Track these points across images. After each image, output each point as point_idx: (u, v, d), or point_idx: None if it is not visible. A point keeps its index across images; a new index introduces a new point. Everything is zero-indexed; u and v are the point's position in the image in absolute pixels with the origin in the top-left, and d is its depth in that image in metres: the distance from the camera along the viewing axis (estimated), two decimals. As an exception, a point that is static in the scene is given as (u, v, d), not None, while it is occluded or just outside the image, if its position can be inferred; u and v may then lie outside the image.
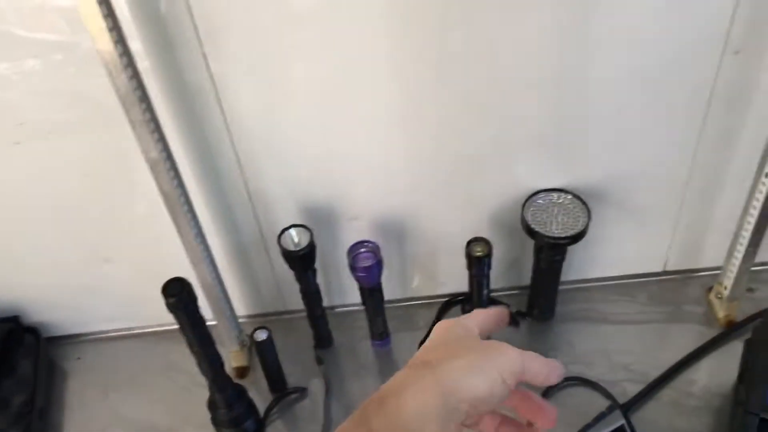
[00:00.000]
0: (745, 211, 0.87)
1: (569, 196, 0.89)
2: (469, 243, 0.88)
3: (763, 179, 0.81)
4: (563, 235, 0.86)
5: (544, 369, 0.50)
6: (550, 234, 0.86)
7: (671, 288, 1.03)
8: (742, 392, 0.82)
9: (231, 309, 0.96)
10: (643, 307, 1.01)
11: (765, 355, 0.81)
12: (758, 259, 0.96)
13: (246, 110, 0.80)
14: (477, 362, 0.48)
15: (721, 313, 0.98)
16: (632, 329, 0.99)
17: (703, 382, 0.93)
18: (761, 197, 0.82)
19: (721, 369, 0.92)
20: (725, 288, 0.96)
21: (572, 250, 0.91)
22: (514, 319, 1.00)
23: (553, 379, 0.50)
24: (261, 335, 0.88)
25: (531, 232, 0.87)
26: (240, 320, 1.00)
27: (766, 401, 0.78)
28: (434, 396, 0.46)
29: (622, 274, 1.04)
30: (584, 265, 1.02)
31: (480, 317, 0.54)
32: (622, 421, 0.84)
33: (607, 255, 1.01)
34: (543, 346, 0.98)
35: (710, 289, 1.00)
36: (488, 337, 0.52)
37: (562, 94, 0.81)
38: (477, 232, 0.90)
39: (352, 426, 0.47)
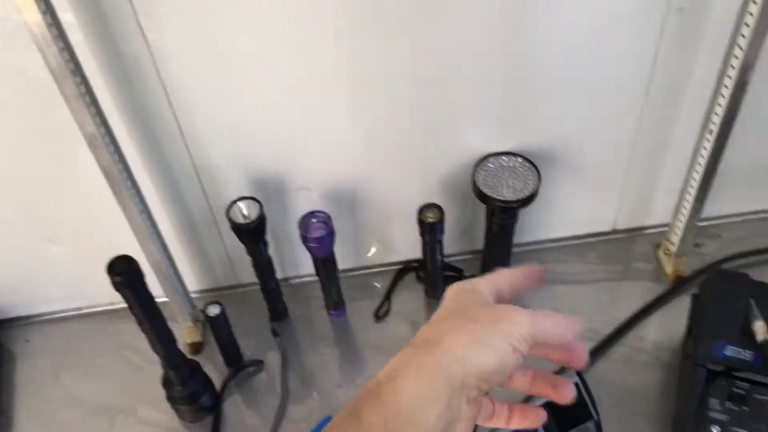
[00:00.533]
0: (691, 167, 0.88)
1: (519, 159, 0.89)
2: (421, 209, 0.88)
3: (707, 136, 0.83)
4: (514, 198, 0.86)
5: (558, 327, 0.47)
6: (501, 198, 0.86)
7: (621, 246, 1.05)
8: (690, 345, 0.84)
9: (182, 285, 0.94)
10: (594, 266, 1.03)
11: (712, 308, 0.82)
12: (704, 214, 0.98)
13: (187, 82, 0.78)
14: (482, 334, 0.44)
15: (669, 269, 0.99)
16: (584, 289, 1.01)
17: (653, 337, 0.95)
18: (705, 153, 0.84)
19: (671, 324, 0.94)
20: (673, 244, 0.98)
21: (524, 213, 0.91)
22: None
23: (570, 336, 0.47)
24: (214, 310, 0.87)
25: (482, 197, 0.87)
26: (193, 295, 0.99)
27: (714, 353, 0.80)
28: (435, 376, 0.42)
29: (572, 234, 1.05)
30: (536, 227, 1.03)
31: (501, 278, 0.50)
32: (576, 379, 0.85)
33: (558, 217, 1.02)
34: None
35: (658, 246, 1.02)
36: (514, 301, 0.49)
37: (508, 57, 0.80)
38: (429, 198, 0.89)
39: (341, 420, 0.43)
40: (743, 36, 0.72)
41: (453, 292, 0.49)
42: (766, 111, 0.90)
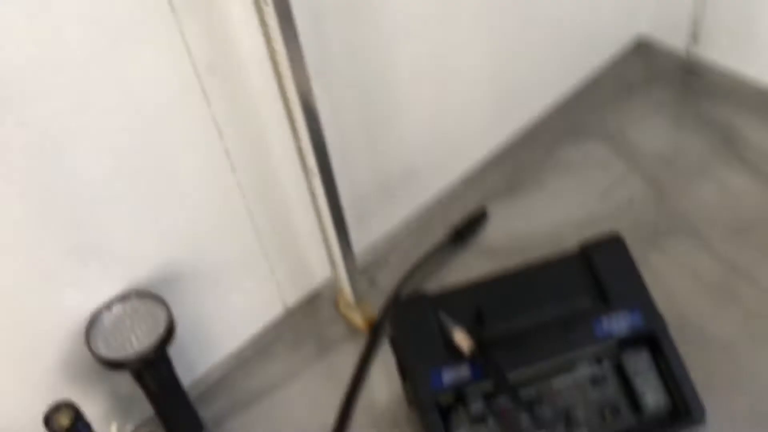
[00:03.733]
0: (318, 215, 0.80)
1: (137, 300, 0.73)
2: (47, 418, 0.67)
3: (313, 179, 0.74)
4: (153, 344, 0.70)
5: None
6: (140, 352, 0.69)
7: (303, 323, 0.93)
8: (410, 391, 0.75)
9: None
10: (287, 361, 0.90)
11: (409, 343, 0.74)
12: (360, 249, 0.91)
13: None
14: None
15: (358, 321, 0.91)
16: (293, 392, 0.87)
17: (383, 397, 0.85)
18: (320, 193, 0.75)
19: (391, 378, 0.84)
20: (347, 294, 0.89)
21: (180, 350, 0.75)
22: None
23: None
24: None
25: (115, 365, 0.69)
26: None
27: (433, 387, 0.71)
28: None
29: (245, 339, 0.91)
30: (203, 353, 0.87)
31: None
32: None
33: (224, 330, 0.88)
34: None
35: (337, 303, 0.93)
36: None
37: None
38: (52, 398, 0.69)
39: None
40: (281, 74, 0.65)
41: None
42: (355, 130, 0.86)
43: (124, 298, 0.72)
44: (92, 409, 0.76)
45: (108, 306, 0.72)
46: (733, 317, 0.86)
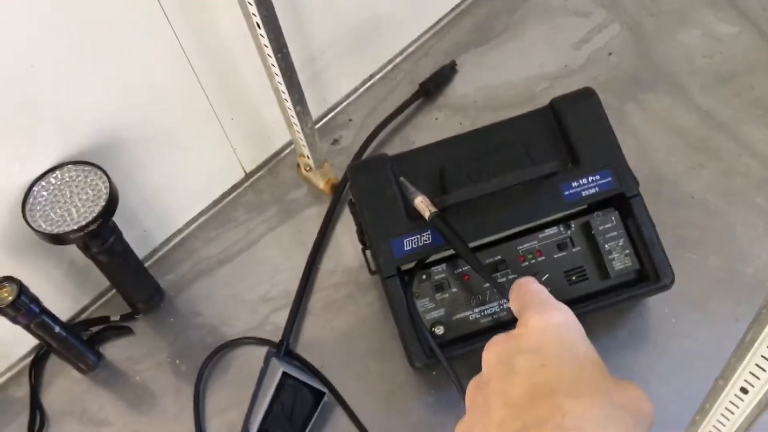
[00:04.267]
0: (269, 75, 0.73)
1: (76, 167, 0.68)
2: (-11, 294, 0.64)
3: (262, 40, 0.67)
4: (95, 215, 0.66)
5: None
6: (81, 224, 0.65)
7: (264, 187, 0.89)
8: (371, 259, 0.72)
9: None
10: (249, 223, 0.87)
11: (369, 208, 0.70)
12: (324, 106, 0.86)
13: None
14: (615, 415, 0.34)
15: (321, 184, 0.87)
16: (253, 254, 0.85)
17: (344, 261, 0.83)
18: (272, 53, 0.69)
19: (353, 239, 0.82)
20: (308, 157, 0.84)
21: (134, 219, 0.72)
22: (127, 328, 0.80)
23: None
24: None
25: (56, 238, 0.65)
26: None
27: (395, 255, 0.68)
28: None
29: (205, 206, 0.87)
30: (161, 222, 0.84)
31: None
32: (281, 369, 0.70)
33: (181, 197, 0.84)
34: (166, 340, 0.80)
35: (299, 166, 0.88)
36: None
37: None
38: (-4, 273, 0.66)
39: None
40: None
41: (545, 324, 0.39)
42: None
43: (58, 167, 0.67)
44: (44, 284, 0.73)
45: (42, 177, 0.67)
46: (709, 174, 0.83)
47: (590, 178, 0.70)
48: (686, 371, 0.71)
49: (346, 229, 0.85)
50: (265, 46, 0.68)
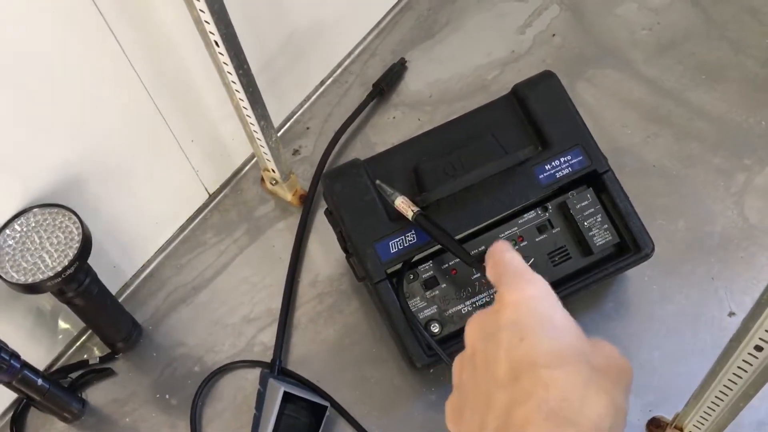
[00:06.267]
0: (231, 96, 0.72)
1: (42, 211, 0.65)
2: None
3: (218, 49, 0.66)
4: (70, 258, 0.63)
5: None
6: (57, 269, 0.62)
7: (230, 205, 0.88)
8: (357, 266, 0.71)
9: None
10: (220, 245, 0.85)
11: (349, 215, 0.70)
12: (279, 119, 0.85)
13: None
14: (595, 378, 0.35)
15: (289, 196, 0.85)
16: (228, 276, 0.83)
17: (324, 271, 0.82)
18: (229, 69, 0.67)
19: (330, 249, 0.81)
20: (273, 171, 0.83)
21: (102, 255, 0.69)
22: (108, 370, 0.78)
23: None
24: None
25: (31, 288, 0.62)
26: None
27: (382, 259, 0.68)
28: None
29: (172, 233, 0.85)
30: (130, 255, 0.81)
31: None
32: (282, 389, 0.69)
33: (147, 227, 0.81)
34: (151, 376, 0.78)
35: (263, 180, 0.87)
36: None
37: None
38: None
39: None
40: None
41: (519, 298, 0.39)
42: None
43: (23, 213, 0.64)
44: (14, 335, 0.70)
45: (6, 225, 0.64)
46: (665, 141, 0.86)
47: (562, 159, 0.71)
48: (675, 335, 0.74)
49: (319, 238, 0.84)
50: (225, 63, 0.66)
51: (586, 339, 0.38)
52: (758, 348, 0.45)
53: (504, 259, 0.43)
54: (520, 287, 0.40)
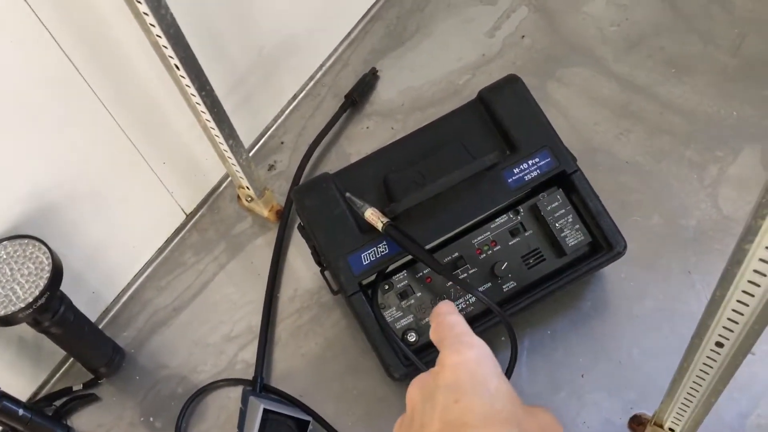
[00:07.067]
0: (197, 117, 0.72)
1: (12, 243, 0.65)
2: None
3: (184, 83, 0.66)
4: (41, 288, 0.63)
5: None
6: (28, 300, 0.63)
7: (208, 224, 0.88)
8: (331, 280, 0.71)
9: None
10: (200, 264, 0.85)
11: (320, 228, 0.70)
12: (247, 141, 0.85)
13: None
14: None
15: (265, 212, 0.86)
16: (207, 296, 0.83)
17: (303, 285, 0.82)
18: (194, 92, 0.67)
19: (307, 262, 0.81)
20: (247, 188, 0.83)
21: (81, 283, 0.69)
22: (92, 395, 0.78)
23: None
24: None
25: (4, 320, 0.63)
26: None
27: (355, 271, 0.68)
28: None
29: (150, 256, 0.85)
30: (109, 280, 0.81)
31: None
32: (262, 407, 0.69)
33: (125, 251, 0.81)
34: (135, 399, 0.78)
35: (239, 198, 0.87)
36: None
37: None
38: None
39: None
40: None
41: (458, 361, 0.40)
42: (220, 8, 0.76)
43: (-4, 245, 0.64)
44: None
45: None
46: (637, 137, 0.86)
47: (530, 162, 0.71)
48: (653, 330, 0.74)
49: (298, 252, 0.84)
50: (187, 86, 0.66)
51: (522, 405, 0.40)
52: (719, 344, 0.45)
53: (446, 322, 0.44)
54: (460, 350, 0.41)
